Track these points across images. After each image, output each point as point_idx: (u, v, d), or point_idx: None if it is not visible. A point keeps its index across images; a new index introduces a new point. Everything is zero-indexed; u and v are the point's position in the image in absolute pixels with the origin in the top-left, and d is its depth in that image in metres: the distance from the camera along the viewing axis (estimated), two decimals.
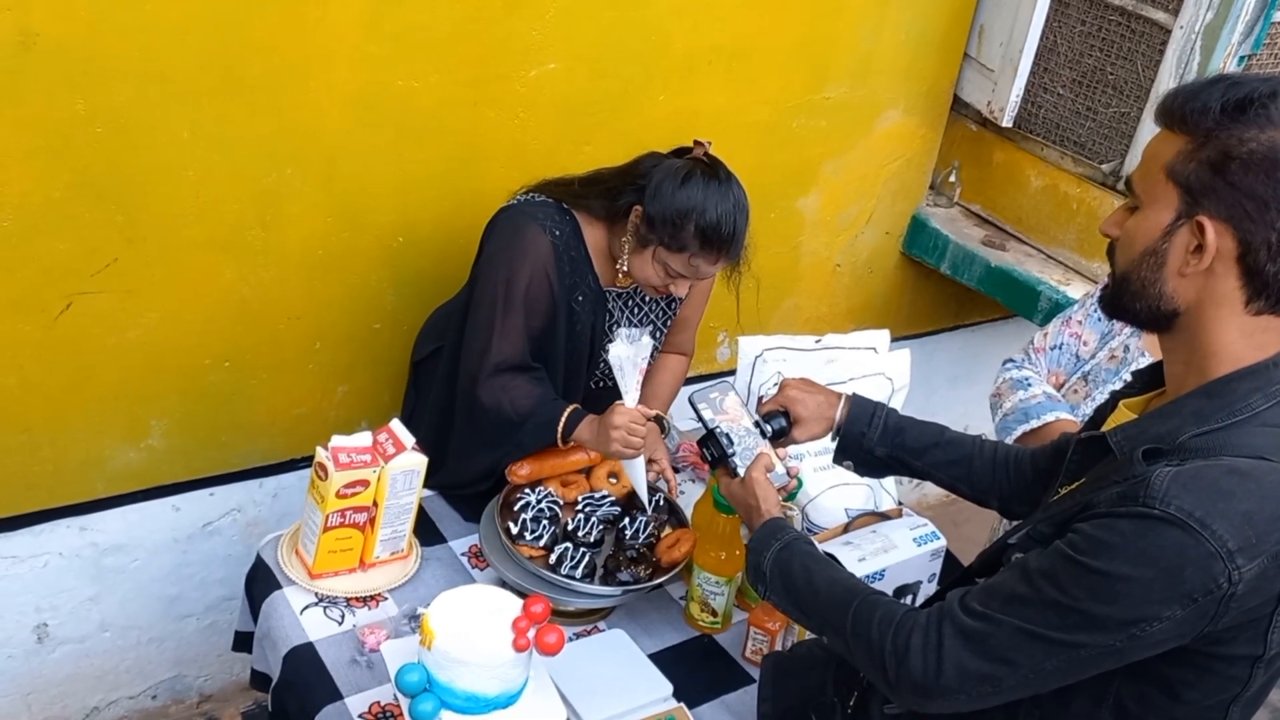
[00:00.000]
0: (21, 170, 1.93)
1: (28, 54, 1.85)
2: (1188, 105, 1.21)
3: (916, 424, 1.70)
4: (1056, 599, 1.19)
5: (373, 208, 2.30)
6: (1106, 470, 1.27)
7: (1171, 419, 1.24)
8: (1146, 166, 1.26)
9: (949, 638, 1.24)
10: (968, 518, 3.48)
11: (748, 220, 1.95)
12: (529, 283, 1.98)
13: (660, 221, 1.91)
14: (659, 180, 1.92)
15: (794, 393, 1.72)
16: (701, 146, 1.98)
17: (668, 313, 2.21)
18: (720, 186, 1.90)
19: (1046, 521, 1.31)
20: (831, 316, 3.26)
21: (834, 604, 1.38)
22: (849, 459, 1.73)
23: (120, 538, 2.38)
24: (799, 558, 1.45)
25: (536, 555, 1.85)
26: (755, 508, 1.56)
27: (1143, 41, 2.73)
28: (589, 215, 2.05)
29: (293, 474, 2.54)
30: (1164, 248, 1.22)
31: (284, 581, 1.86)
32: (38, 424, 2.16)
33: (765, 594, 1.48)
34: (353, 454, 1.80)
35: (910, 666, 1.26)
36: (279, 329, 2.34)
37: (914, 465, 1.69)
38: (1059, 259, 3.05)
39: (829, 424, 1.71)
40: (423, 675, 1.49)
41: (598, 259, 2.07)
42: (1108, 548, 1.16)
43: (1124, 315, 1.30)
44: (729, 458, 1.62)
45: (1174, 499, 1.13)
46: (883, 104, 2.99)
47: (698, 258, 1.92)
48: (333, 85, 2.15)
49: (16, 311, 2.04)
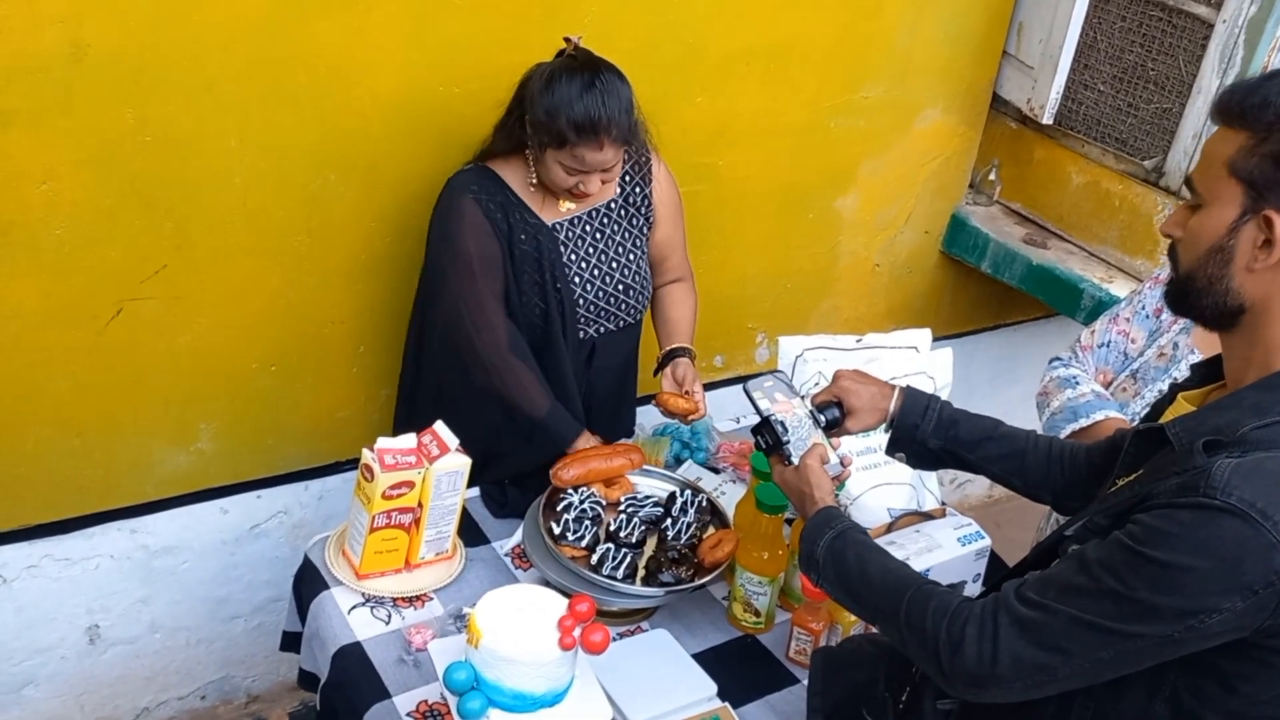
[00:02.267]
0: (74, 180, 1.98)
1: (79, 65, 1.90)
2: (1247, 101, 1.20)
3: (970, 417, 1.69)
4: (1114, 589, 1.18)
5: (414, 213, 2.32)
6: (1165, 462, 1.26)
7: (1230, 411, 1.23)
8: (1207, 164, 1.26)
9: (1004, 627, 1.24)
10: (1010, 518, 3.46)
11: (623, 100, 1.97)
12: (478, 246, 2.05)
13: (538, 125, 1.97)
14: (531, 88, 1.99)
15: (848, 383, 1.71)
16: (570, 43, 2.03)
17: (633, 233, 2.21)
18: (585, 76, 1.95)
19: (1103, 513, 1.30)
20: (870, 317, 3.25)
21: (888, 593, 1.38)
22: (901, 450, 1.71)
23: (170, 540, 2.43)
24: (852, 546, 1.45)
25: (579, 556, 1.86)
26: (809, 495, 1.55)
27: (1184, 36, 2.70)
28: (502, 159, 2.11)
29: (337, 476, 2.57)
30: (1230, 244, 1.22)
31: (331, 582, 1.89)
32: (90, 428, 2.21)
33: (818, 581, 1.48)
34: (398, 455, 1.82)
35: (965, 656, 1.26)
36: (323, 333, 2.37)
37: (967, 458, 1.68)
38: (1101, 256, 3.02)
39: (882, 415, 1.69)
40: (470, 673, 1.50)
41: (528, 196, 2.11)
42: (1167, 538, 1.16)
43: (1189, 313, 1.31)
44: (783, 445, 1.61)
45: (1235, 489, 1.13)
46: (921, 103, 2.98)
47: (579, 147, 1.96)
48: (376, 93, 2.18)
49: (69, 318, 2.09)
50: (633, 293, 2.21)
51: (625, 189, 2.19)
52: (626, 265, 2.20)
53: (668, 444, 2.29)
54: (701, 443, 2.31)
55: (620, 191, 2.19)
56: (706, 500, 2.03)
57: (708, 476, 2.24)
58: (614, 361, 2.28)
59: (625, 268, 2.20)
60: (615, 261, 2.18)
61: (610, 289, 2.18)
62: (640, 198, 2.20)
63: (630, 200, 2.20)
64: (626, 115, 1.98)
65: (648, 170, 2.21)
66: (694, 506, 1.99)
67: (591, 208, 2.16)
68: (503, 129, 2.09)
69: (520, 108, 2.03)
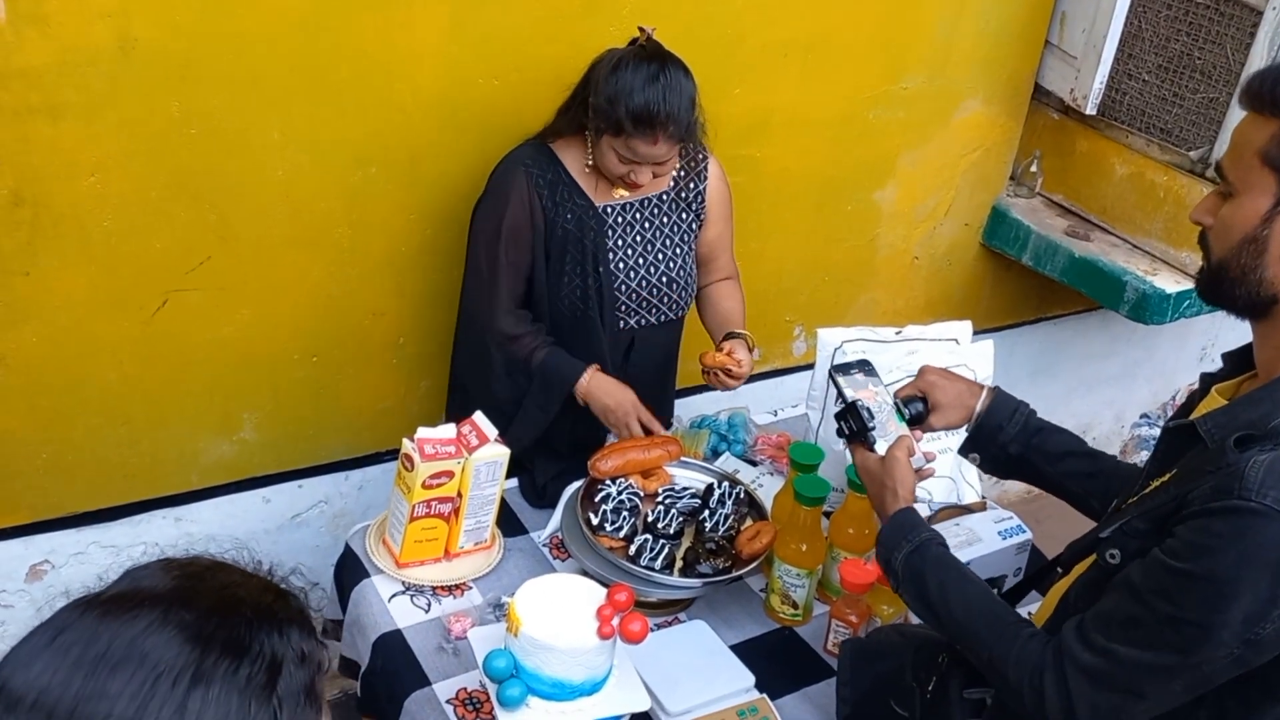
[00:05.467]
0: (121, 172, 2.01)
1: (127, 59, 1.93)
2: (1278, 88, 1.19)
3: (1056, 430, 1.65)
4: (1171, 614, 1.18)
5: (455, 206, 2.34)
6: (1198, 460, 1.25)
7: (1263, 404, 1.22)
8: (1238, 152, 1.24)
9: (1073, 678, 1.25)
10: (1050, 514, 3.41)
11: (684, 96, 1.97)
12: (514, 214, 2.08)
13: (598, 109, 1.98)
14: (598, 72, 2.00)
15: (934, 378, 1.67)
16: (644, 33, 2.04)
17: (682, 227, 2.21)
18: (650, 68, 1.95)
19: (1141, 517, 1.28)
20: (909, 310, 3.23)
21: (969, 628, 1.39)
22: (978, 451, 1.67)
23: (213, 528, 2.46)
24: (931, 565, 1.44)
25: (617, 546, 1.87)
26: (891, 489, 1.53)
27: (1232, 25, 2.65)
28: (563, 140, 2.13)
29: (377, 467, 2.60)
30: (1264, 234, 1.21)
31: (372, 570, 1.91)
32: (137, 418, 2.24)
33: (897, 589, 1.49)
34: (438, 445, 1.84)
35: (1049, 707, 1.28)
36: (364, 325, 2.39)
37: (1045, 470, 1.63)
38: (1145, 249, 2.97)
39: (968, 413, 1.65)
40: (510, 661, 1.51)
41: (583, 178, 2.13)
42: (1208, 551, 1.15)
43: (1221, 303, 1.29)
44: (869, 431, 1.58)
45: (1270, 489, 1.12)
46: (962, 94, 2.95)
47: (634, 138, 1.97)
48: (417, 87, 2.20)
49: (117, 309, 2.12)
50: (675, 286, 2.21)
51: (679, 183, 2.20)
52: (673, 258, 2.20)
53: (706, 436, 2.29)
54: (739, 435, 2.31)
55: (674, 185, 2.19)
56: (744, 492, 2.03)
57: (745, 469, 2.24)
58: (654, 356, 2.28)
59: (671, 260, 2.20)
60: (661, 253, 2.18)
61: (654, 279, 2.18)
62: (693, 194, 2.20)
63: (683, 195, 2.20)
64: (686, 112, 1.98)
65: (704, 168, 2.21)
66: (732, 498, 1.99)
67: (644, 196, 2.17)
68: (566, 110, 2.10)
69: (585, 90, 2.04)
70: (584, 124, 2.07)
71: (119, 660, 0.79)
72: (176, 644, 0.81)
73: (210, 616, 0.84)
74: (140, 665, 0.79)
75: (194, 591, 0.87)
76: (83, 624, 0.82)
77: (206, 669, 0.80)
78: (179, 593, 0.86)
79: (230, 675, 0.81)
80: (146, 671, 0.79)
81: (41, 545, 2.30)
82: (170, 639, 0.81)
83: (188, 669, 0.80)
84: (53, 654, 0.80)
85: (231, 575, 0.92)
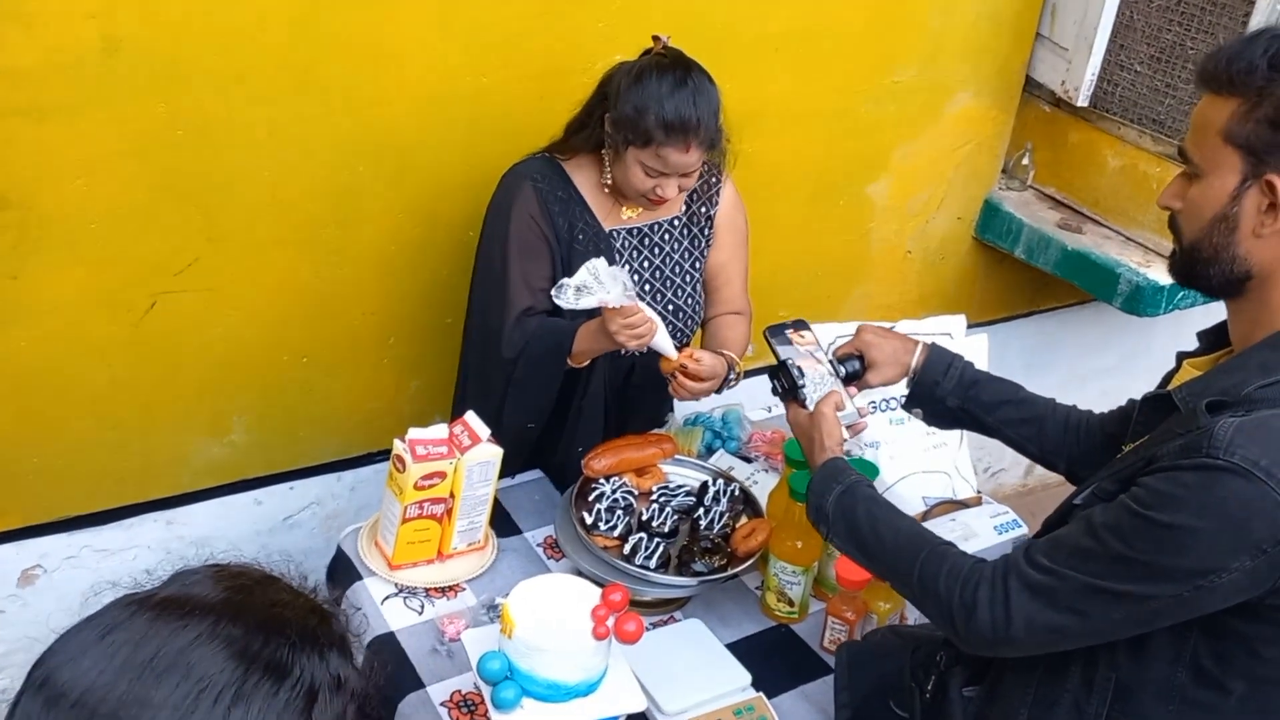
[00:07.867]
0: (108, 173, 1.99)
1: (112, 59, 1.91)
2: (1233, 66, 1.20)
3: (992, 379, 1.70)
4: (1122, 552, 1.19)
5: (445, 204, 2.33)
6: (1171, 425, 1.26)
7: (1237, 373, 1.23)
8: (1200, 134, 1.26)
9: (1015, 592, 1.26)
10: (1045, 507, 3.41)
11: (713, 102, 1.92)
12: (520, 230, 2.02)
13: (623, 122, 1.92)
14: (617, 83, 1.94)
15: (870, 337, 1.71)
16: (659, 41, 1.98)
17: (693, 254, 2.17)
18: (675, 74, 1.90)
19: (1111, 479, 1.30)
20: (903, 304, 3.22)
21: (900, 554, 1.39)
22: (919, 406, 1.72)
23: (205, 530, 2.45)
24: (863, 503, 1.46)
25: (611, 545, 1.86)
26: (819, 442, 1.56)
27: (1224, 15, 2.65)
28: (575, 157, 2.07)
29: (368, 468, 2.58)
30: (1234, 212, 1.22)
31: (364, 572, 1.89)
32: (127, 420, 2.23)
33: (828, 535, 1.50)
34: (429, 446, 1.83)
35: (978, 620, 1.28)
36: (354, 325, 2.38)
37: (984, 420, 1.68)
38: (1139, 240, 2.97)
39: (904, 369, 1.70)
40: (504, 663, 1.50)
41: (594, 198, 2.07)
42: (1173, 500, 1.16)
43: (1196, 284, 1.30)
44: (799, 389, 1.63)
45: (1238, 448, 1.13)
46: (953, 86, 2.95)
47: (665, 147, 1.90)
48: (404, 83, 2.18)
49: (105, 311, 2.11)
50: (682, 315, 2.17)
51: (690, 207, 2.15)
52: (680, 286, 2.16)
53: (700, 434, 2.28)
54: (733, 432, 2.30)
55: (685, 209, 2.15)
56: (739, 489, 2.02)
57: (740, 466, 2.23)
58: (653, 380, 2.14)
59: (679, 289, 2.16)
60: (669, 280, 2.15)
61: (659, 307, 2.13)
62: (704, 218, 2.16)
63: (694, 219, 2.16)
64: (714, 118, 1.93)
65: (716, 191, 2.17)
66: (726, 496, 1.98)
67: (654, 221, 2.12)
68: (581, 127, 2.04)
69: (601, 106, 1.98)
70: (600, 141, 2.01)
71: (165, 669, 0.80)
72: (222, 659, 0.81)
73: (257, 634, 0.84)
74: (185, 677, 0.79)
75: (243, 606, 0.87)
76: (133, 625, 0.83)
77: (248, 689, 0.80)
78: (229, 606, 0.86)
79: (270, 697, 0.81)
80: (191, 684, 0.79)
81: (33, 549, 2.28)
82: (217, 653, 0.81)
83: (230, 687, 0.80)
84: (101, 651, 0.81)
85: (280, 593, 0.92)
